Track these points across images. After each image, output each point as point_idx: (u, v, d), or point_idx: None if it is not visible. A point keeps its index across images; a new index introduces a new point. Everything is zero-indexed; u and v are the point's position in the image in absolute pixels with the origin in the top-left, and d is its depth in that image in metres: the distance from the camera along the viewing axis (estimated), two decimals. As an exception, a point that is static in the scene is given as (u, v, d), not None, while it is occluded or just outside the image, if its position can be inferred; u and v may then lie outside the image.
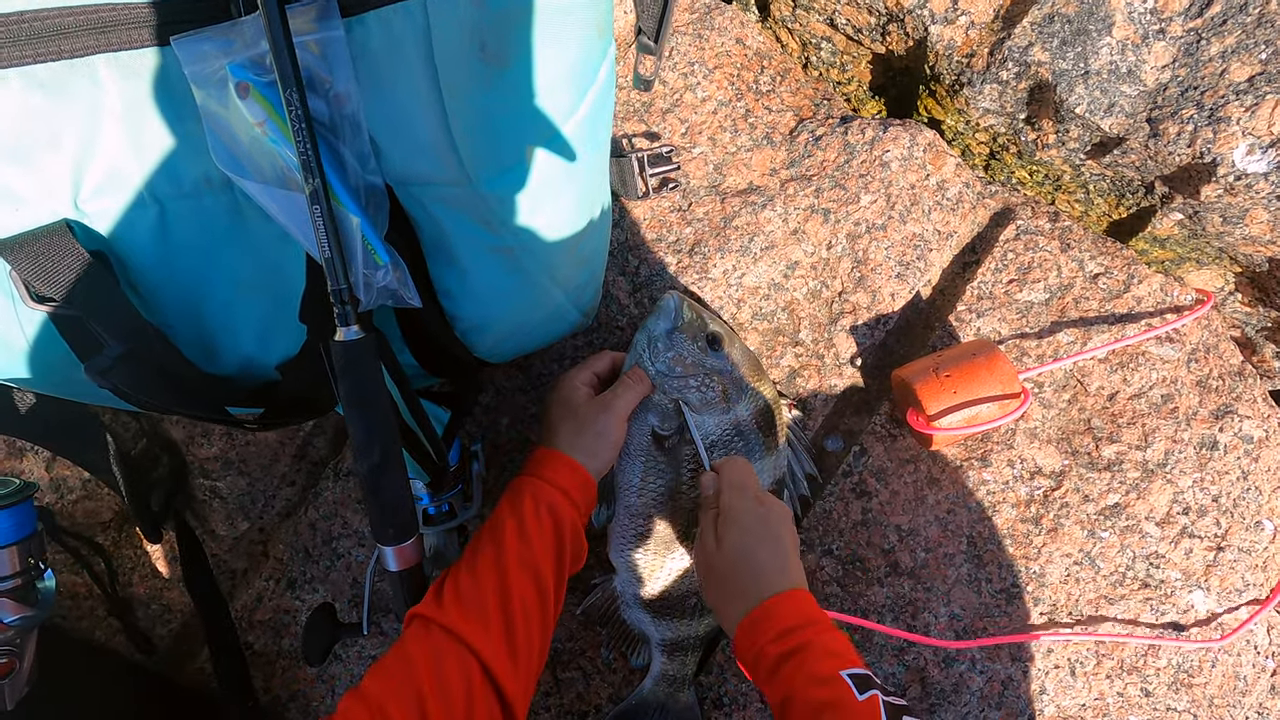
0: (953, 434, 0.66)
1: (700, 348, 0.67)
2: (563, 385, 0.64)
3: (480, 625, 0.50)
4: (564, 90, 0.41)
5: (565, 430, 0.61)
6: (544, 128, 0.42)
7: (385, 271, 0.48)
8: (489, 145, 0.42)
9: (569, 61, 0.40)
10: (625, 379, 0.65)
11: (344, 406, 0.49)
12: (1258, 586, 0.70)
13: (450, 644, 0.50)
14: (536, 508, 0.56)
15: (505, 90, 0.40)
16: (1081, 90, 0.71)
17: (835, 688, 0.48)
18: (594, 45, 0.40)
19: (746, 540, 0.56)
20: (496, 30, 0.38)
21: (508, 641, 0.51)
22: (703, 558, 0.59)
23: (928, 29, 0.77)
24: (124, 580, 0.78)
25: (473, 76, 0.39)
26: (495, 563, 0.53)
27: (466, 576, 0.53)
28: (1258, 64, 0.66)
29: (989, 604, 0.70)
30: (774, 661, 0.51)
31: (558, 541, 0.56)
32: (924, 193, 0.76)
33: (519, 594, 0.52)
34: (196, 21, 0.46)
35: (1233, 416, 0.71)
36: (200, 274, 0.53)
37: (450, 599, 0.52)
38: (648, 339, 0.67)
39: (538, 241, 0.49)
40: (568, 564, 0.58)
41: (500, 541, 0.54)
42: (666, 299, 0.68)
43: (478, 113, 0.41)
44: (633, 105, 0.79)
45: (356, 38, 0.44)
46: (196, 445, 0.75)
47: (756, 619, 0.53)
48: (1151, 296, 0.74)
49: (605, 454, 0.62)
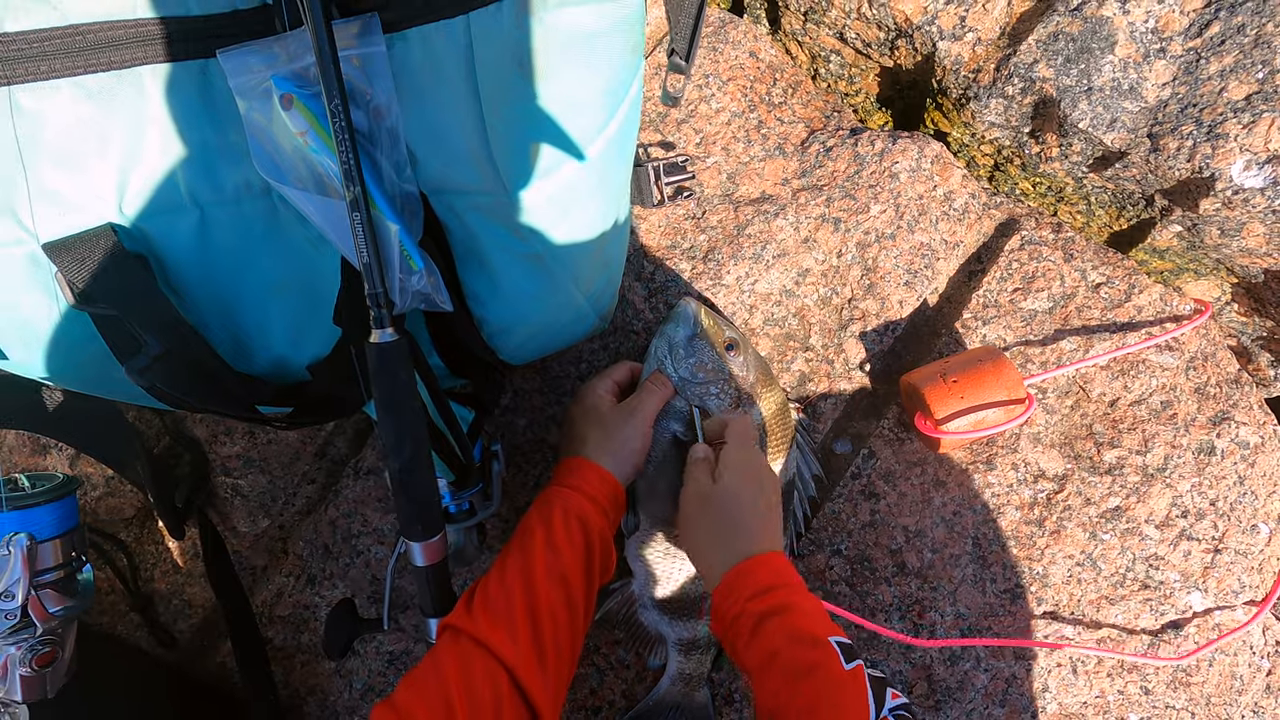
0: (959, 438, 0.68)
1: (719, 354, 0.68)
2: (587, 395, 0.65)
3: (508, 635, 0.51)
4: (598, 105, 0.43)
5: (593, 438, 0.61)
6: (578, 141, 0.44)
7: (420, 276, 0.50)
8: (525, 157, 0.44)
9: (604, 79, 0.42)
10: (648, 384, 0.66)
11: (376, 407, 0.51)
12: (1254, 588, 0.72)
13: (479, 654, 0.50)
14: (566, 518, 0.57)
15: (543, 106, 0.42)
16: (1085, 106, 0.73)
17: (823, 651, 0.48)
18: (627, 64, 0.42)
19: (740, 494, 0.57)
20: (538, 51, 0.39)
21: (536, 651, 0.51)
22: (693, 497, 0.58)
23: (936, 45, 0.79)
24: (145, 576, 0.79)
25: (512, 92, 0.41)
26: (523, 573, 0.54)
27: (496, 587, 0.53)
28: (1255, 83, 0.69)
29: (993, 604, 0.71)
30: (756, 619, 0.51)
31: (587, 551, 0.57)
32: (931, 203, 0.79)
33: (548, 604, 0.53)
34: (240, 35, 0.48)
35: (1230, 423, 0.73)
36: (237, 276, 0.55)
37: (480, 609, 0.52)
38: (668, 345, 0.68)
39: (565, 248, 0.51)
40: (597, 574, 0.58)
41: (529, 552, 0.55)
42: (683, 306, 0.69)
43: (516, 126, 0.43)
44: (649, 116, 0.81)
45: (397, 53, 0.46)
46: (219, 443, 0.77)
47: (741, 573, 0.53)
48: (1151, 306, 0.76)
49: (633, 460, 0.63)
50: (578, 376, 0.77)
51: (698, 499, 0.58)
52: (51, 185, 0.48)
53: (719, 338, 0.69)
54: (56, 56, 0.46)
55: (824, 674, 0.47)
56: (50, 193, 0.48)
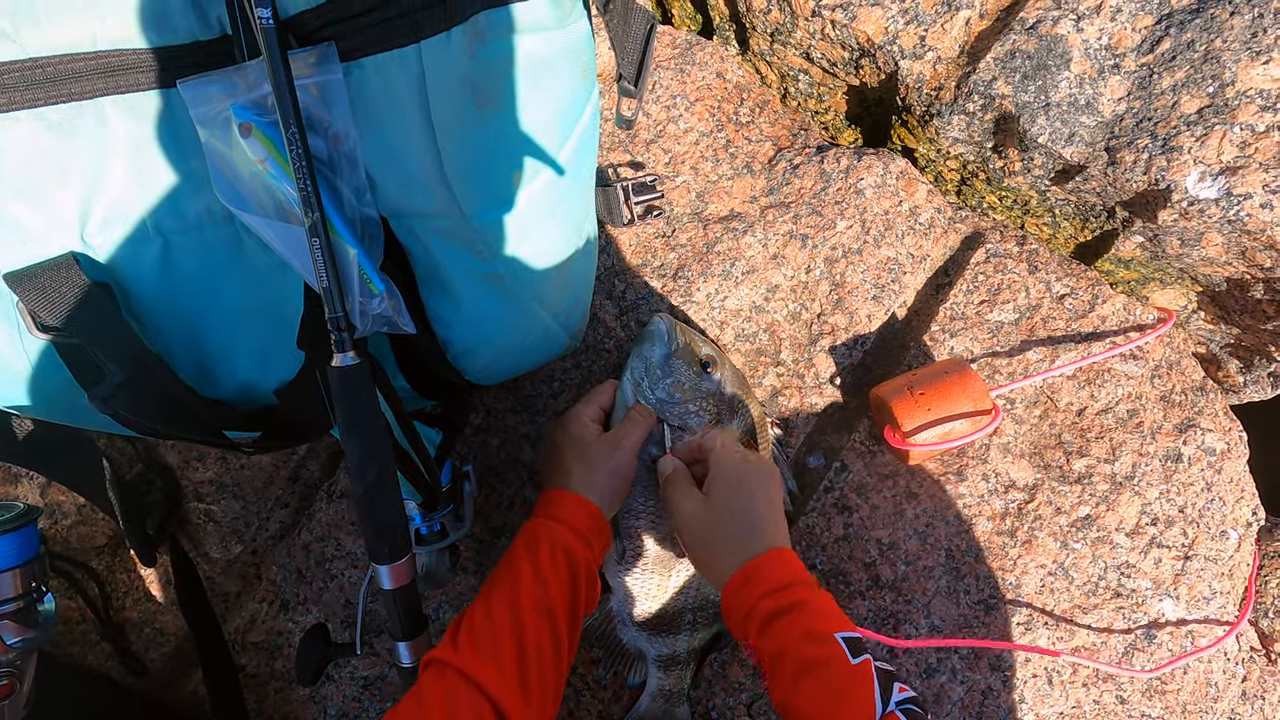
0: (928, 449, 0.69)
1: (696, 372, 0.68)
2: (571, 424, 0.65)
3: (495, 669, 0.51)
4: (551, 129, 0.44)
5: (578, 471, 0.61)
6: (532, 164, 0.45)
7: (380, 300, 0.50)
8: (480, 181, 0.45)
9: (556, 104, 0.43)
10: (633, 415, 0.66)
11: (340, 430, 0.51)
12: (1224, 594, 0.72)
13: (465, 688, 0.50)
14: (552, 552, 0.57)
15: (495, 131, 0.42)
16: (1043, 121, 0.75)
17: (830, 647, 0.49)
18: (579, 89, 0.43)
19: (739, 498, 0.57)
20: (488, 78, 0.40)
21: (522, 686, 0.51)
22: (688, 517, 0.59)
23: (898, 64, 0.81)
24: (117, 604, 0.79)
25: (465, 119, 0.42)
26: (511, 607, 0.54)
27: (483, 621, 0.53)
28: (1206, 97, 0.70)
29: (968, 615, 0.72)
30: (766, 617, 0.51)
31: (573, 584, 0.57)
32: (897, 218, 0.80)
33: (534, 638, 0.53)
34: (200, 65, 0.49)
35: (1196, 430, 0.74)
36: (201, 303, 0.55)
37: (465, 643, 0.52)
38: (645, 366, 0.67)
39: (526, 269, 0.52)
40: (582, 607, 0.58)
41: (516, 586, 0.55)
42: (657, 323, 0.69)
43: (469, 151, 0.43)
44: (618, 137, 0.82)
45: (354, 81, 0.47)
46: (191, 469, 0.76)
47: (748, 574, 0.54)
48: (1115, 316, 0.77)
49: (618, 492, 0.63)
50: (550, 395, 0.77)
51: (690, 520, 0.59)
52: (12, 214, 0.48)
53: (695, 355, 0.68)
54: (16, 89, 0.47)
55: (830, 670, 0.48)
56: (10, 222, 0.48)
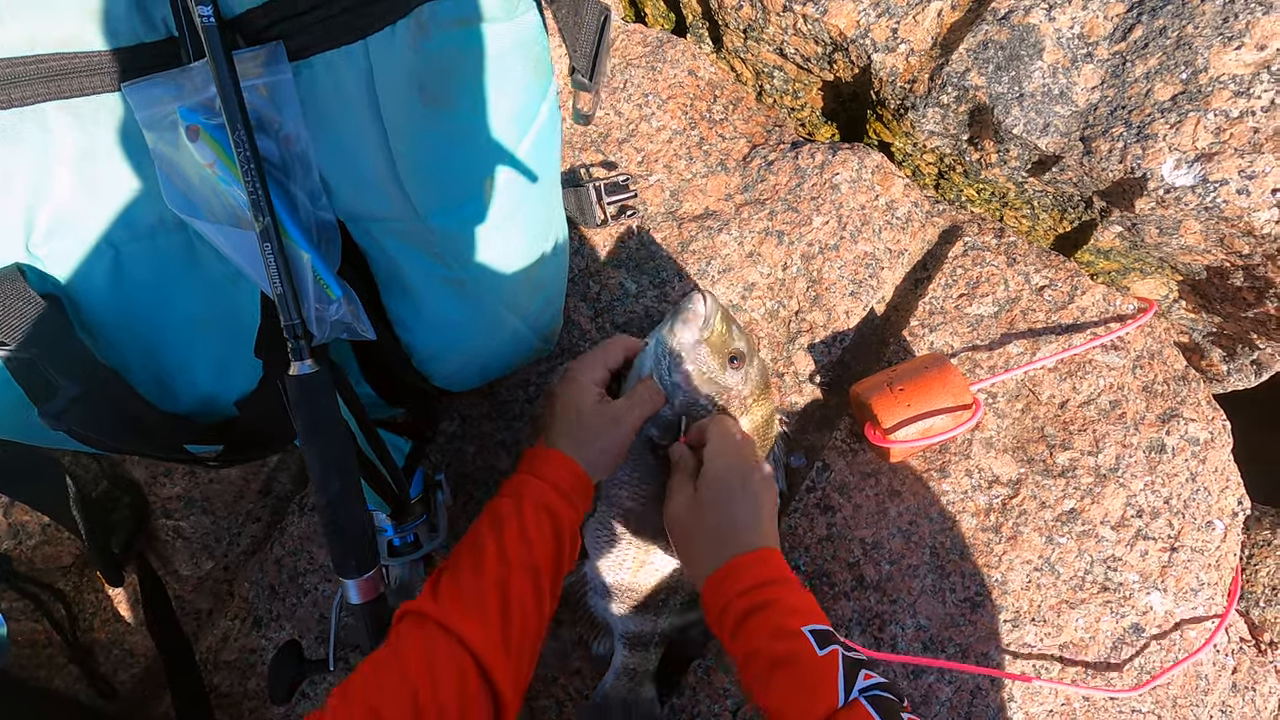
0: (908, 446, 0.68)
1: (720, 364, 0.64)
2: (573, 384, 0.62)
3: (480, 625, 0.50)
4: (506, 128, 0.43)
5: (572, 434, 0.60)
6: (488, 164, 0.44)
7: (338, 306, 0.49)
8: (434, 182, 0.44)
9: (509, 101, 0.41)
10: (640, 392, 0.63)
11: (300, 440, 0.50)
12: (1212, 585, 0.71)
13: (446, 641, 0.49)
14: (538, 510, 0.56)
15: (447, 130, 0.41)
16: (1017, 112, 0.74)
17: (796, 642, 0.49)
18: (533, 85, 0.42)
19: (724, 495, 0.57)
20: (436, 74, 0.39)
21: (504, 642, 0.51)
22: (677, 509, 0.59)
23: (871, 57, 0.80)
24: (85, 625, 0.77)
25: (414, 117, 0.41)
26: (498, 563, 0.53)
27: (469, 575, 0.52)
28: (1179, 84, 0.70)
29: (954, 613, 0.70)
30: (739, 616, 0.52)
31: (556, 544, 0.56)
32: (874, 213, 0.79)
33: (518, 596, 0.52)
34: (146, 68, 0.47)
35: (1179, 420, 0.73)
36: (156, 313, 0.54)
37: (449, 596, 0.51)
38: (671, 346, 0.63)
39: (489, 272, 0.51)
40: (564, 566, 0.58)
41: (502, 542, 0.54)
42: (696, 302, 0.63)
43: (422, 152, 0.42)
44: (590, 136, 0.81)
45: (304, 80, 0.45)
46: (159, 485, 0.74)
47: (725, 574, 0.54)
48: (1095, 307, 0.76)
49: (609, 464, 0.62)
50: (525, 400, 0.76)
51: (679, 516, 0.59)
52: (-49, 226, 0.46)
53: (725, 346, 0.65)
54: (-49, 97, 0.45)
55: (797, 663, 0.49)
56: (-51, 234, 0.47)
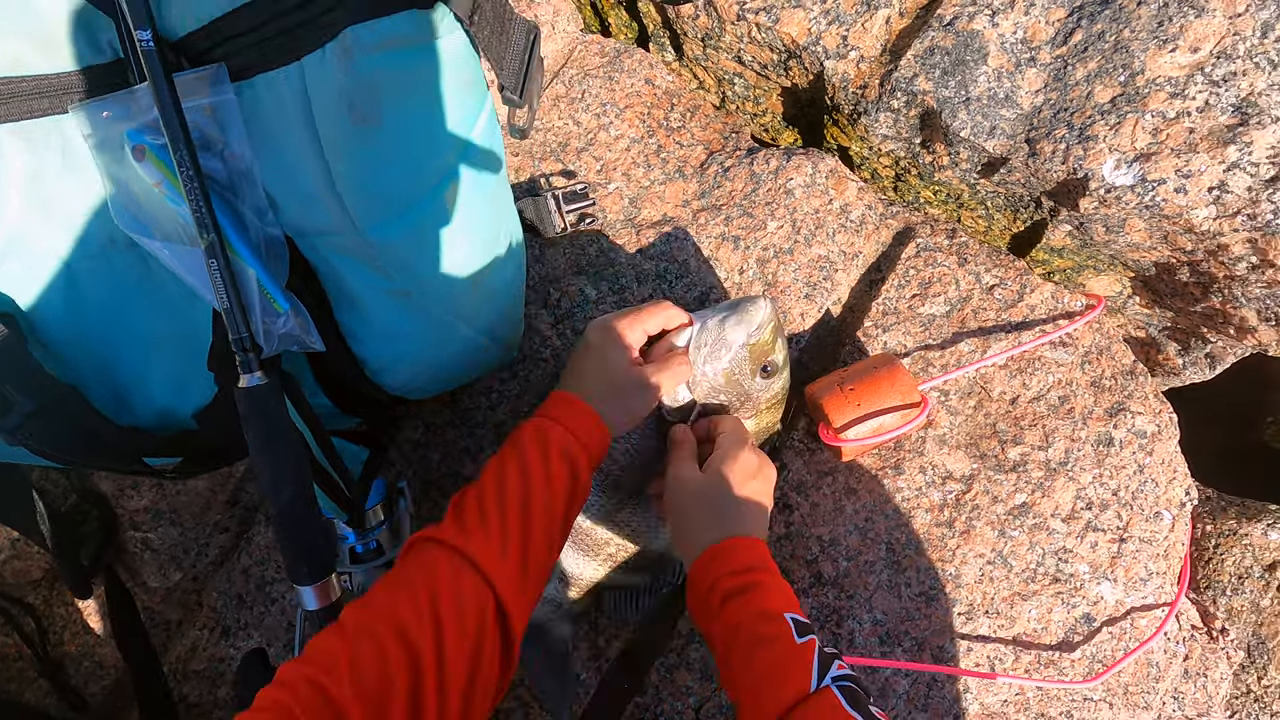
0: (859, 444, 0.69)
1: (753, 370, 0.66)
2: (609, 340, 0.62)
3: (501, 563, 0.50)
4: (440, 142, 0.44)
5: (601, 390, 0.60)
6: (424, 179, 0.45)
7: (286, 319, 0.50)
8: (371, 197, 0.45)
9: (441, 118, 0.43)
10: (672, 362, 0.63)
11: (251, 450, 0.51)
12: (1160, 574, 0.73)
13: (471, 574, 0.49)
14: (562, 456, 0.56)
15: (380, 147, 0.42)
16: (964, 116, 0.76)
17: (779, 625, 0.51)
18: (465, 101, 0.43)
19: (733, 481, 0.58)
20: (364, 94, 0.40)
21: (522, 582, 0.51)
22: (683, 483, 0.60)
23: (823, 64, 0.82)
24: (55, 639, 0.77)
25: (348, 135, 0.42)
26: (523, 508, 0.53)
27: (494, 512, 0.52)
28: (1118, 85, 0.72)
29: (909, 608, 0.72)
30: (726, 593, 0.54)
31: (571, 493, 0.57)
32: (828, 216, 0.80)
33: (537, 539, 0.53)
34: (96, 90, 0.48)
35: (1126, 413, 0.75)
36: (111, 330, 0.55)
37: (475, 529, 0.51)
38: (718, 339, 0.64)
39: (435, 282, 0.52)
40: (574, 516, 0.59)
41: (529, 482, 0.54)
42: (758, 307, 0.64)
43: (357, 168, 0.43)
44: (549, 146, 0.83)
45: (247, 100, 0.46)
46: (126, 497, 0.75)
47: (720, 552, 0.56)
48: (1044, 304, 0.78)
49: (629, 424, 0.62)
50: (489, 407, 0.77)
51: (685, 489, 0.60)
52: (-98, 249, 0.47)
53: (764, 355, 0.66)
54: (-100, 121, 0.46)
55: (776, 645, 0.50)
56: (-99, 256, 0.48)
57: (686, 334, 0.65)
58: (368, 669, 0.44)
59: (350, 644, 0.45)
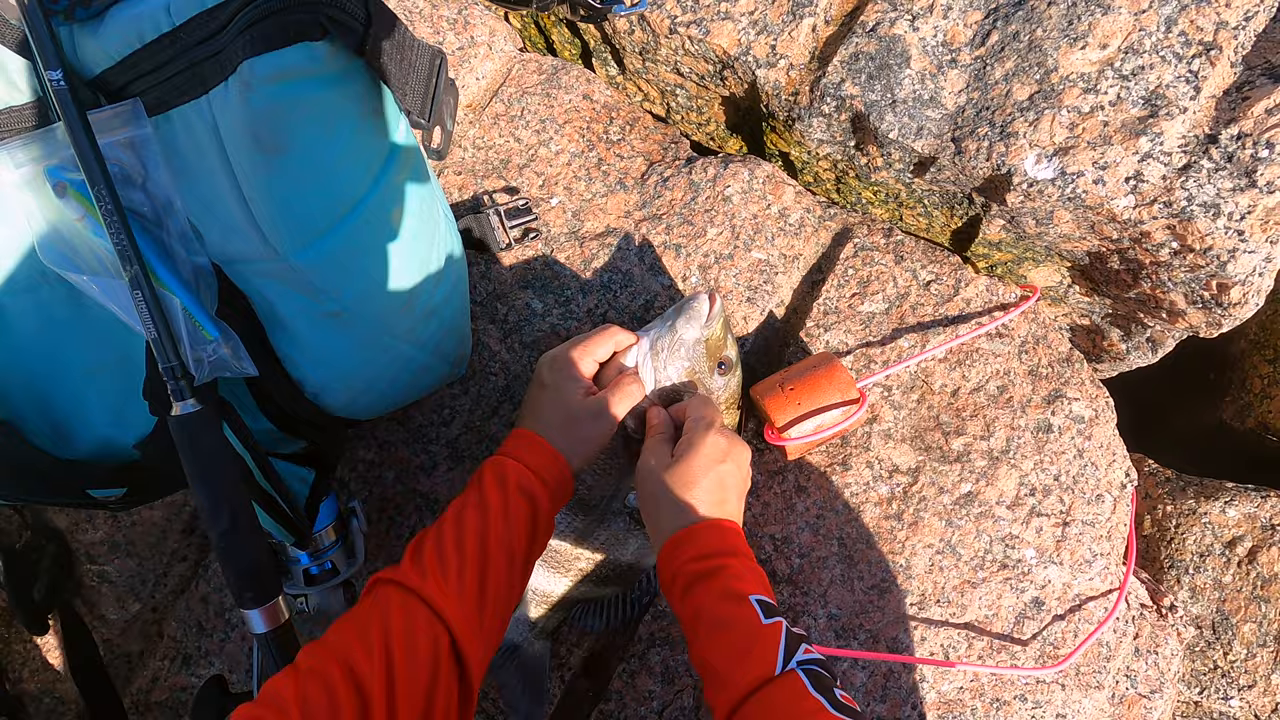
0: (803, 442, 0.71)
1: (711, 367, 0.66)
2: (560, 373, 0.63)
3: (458, 602, 0.51)
4: (351, 168, 0.45)
5: (556, 423, 0.61)
6: (340, 202, 0.46)
7: (215, 346, 0.51)
8: (289, 223, 0.46)
9: (347, 144, 0.44)
10: (623, 384, 0.63)
11: (188, 477, 0.51)
12: (1104, 555, 0.75)
13: (425, 613, 0.50)
14: (519, 494, 0.57)
15: (290, 174, 0.44)
16: (891, 118, 0.78)
17: (743, 607, 0.51)
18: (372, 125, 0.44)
19: (701, 464, 0.58)
20: (266, 125, 0.41)
21: (479, 621, 0.52)
22: (652, 469, 0.60)
23: (755, 73, 0.84)
24: (14, 676, 0.77)
25: (257, 165, 0.43)
26: (479, 541, 0.54)
27: (452, 551, 0.53)
28: (1034, 83, 0.74)
29: (863, 601, 0.73)
30: (690, 579, 0.54)
31: (532, 530, 0.57)
32: (766, 221, 0.82)
33: (495, 577, 0.54)
34: (16, 130, 0.49)
35: (1063, 400, 0.77)
36: (46, 364, 0.55)
37: (433, 570, 0.52)
38: (674, 341, 0.64)
39: (364, 303, 0.53)
40: (536, 553, 0.59)
41: (486, 520, 0.55)
42: (703, 302, 0.64)
43: (271, 196, 0.44)
44: (491, 163, 0.84)
45: (165, 134, 0.47)
46: (81, 531, 0.75)
47: (683, 539, 0.56)
48: (979, 297, 0.80)
49: (588, 454, 0.62)
50: (441, 423, 0.78)
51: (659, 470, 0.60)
52: None
53: (719, 350, 0.66)
54: None
55: (743, 626, 0.51)
56: None
57: (633, 353, 0.66)
58: (316, 708, 0.44)
59: (300, 684, 0.46)
